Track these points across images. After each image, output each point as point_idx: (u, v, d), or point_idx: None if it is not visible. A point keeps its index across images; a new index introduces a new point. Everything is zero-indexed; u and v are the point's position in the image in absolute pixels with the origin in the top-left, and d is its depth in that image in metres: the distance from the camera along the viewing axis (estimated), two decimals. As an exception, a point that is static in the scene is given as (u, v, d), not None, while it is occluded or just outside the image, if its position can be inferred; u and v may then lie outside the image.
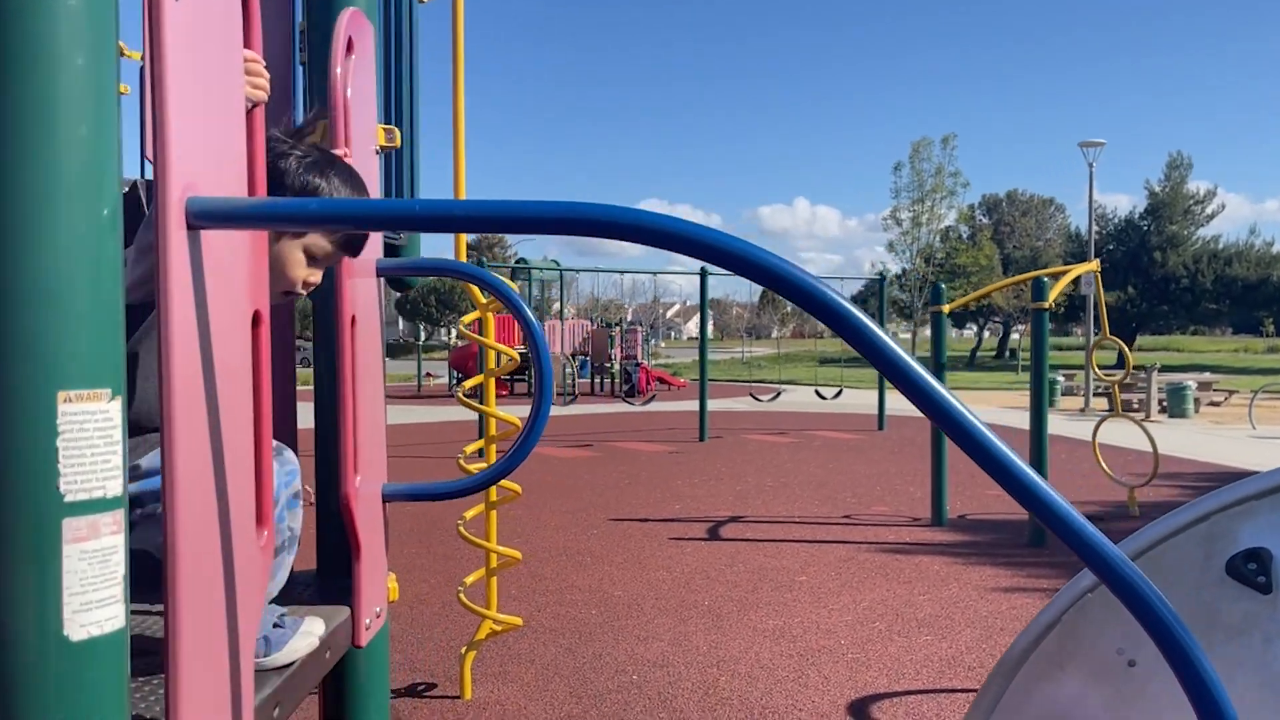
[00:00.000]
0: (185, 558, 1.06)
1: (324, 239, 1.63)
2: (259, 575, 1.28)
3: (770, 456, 14.61)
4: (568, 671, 5.15)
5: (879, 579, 7.12)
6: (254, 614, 1.26)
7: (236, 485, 1.20)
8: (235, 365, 1.21)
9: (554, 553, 8.05)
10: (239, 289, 1.23)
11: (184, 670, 1.05)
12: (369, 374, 1.85)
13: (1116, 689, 2.42)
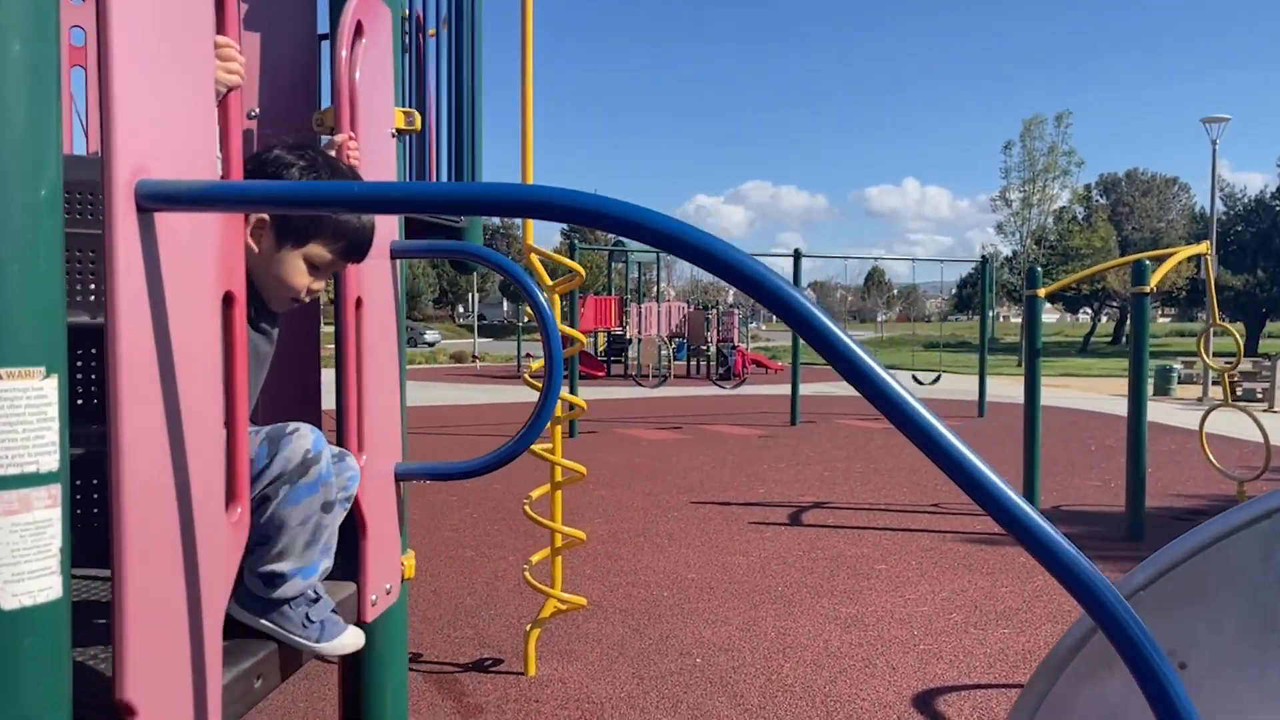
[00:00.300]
0: (133, 528, 1.09)
1: (323, 248, 1.66)
2: (229, 551, 1.31)
3: (862, 442, 14.37)
4: (633, 652, 5.17)
5: (961, 569, 6.95)
6: (221, 586, 1.29)
7: (201, 462, 1.23)
8: (198, 345, 1.24)
9: (632, 534, 8.08)
10: (204, 270, 1.26)
11: (130, 636, 1.09)
12: (378, 355, 1.88)
13: (1165, 692, 2.30)
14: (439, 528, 8.33)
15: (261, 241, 1.63)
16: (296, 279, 1.67)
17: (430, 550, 7.48)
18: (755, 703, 4.48)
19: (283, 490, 1.59)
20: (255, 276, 1.64)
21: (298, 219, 1.62)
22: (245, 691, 1.41)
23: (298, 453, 1.59)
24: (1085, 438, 14.83)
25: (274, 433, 1.60)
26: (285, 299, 1.69)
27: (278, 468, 1.58)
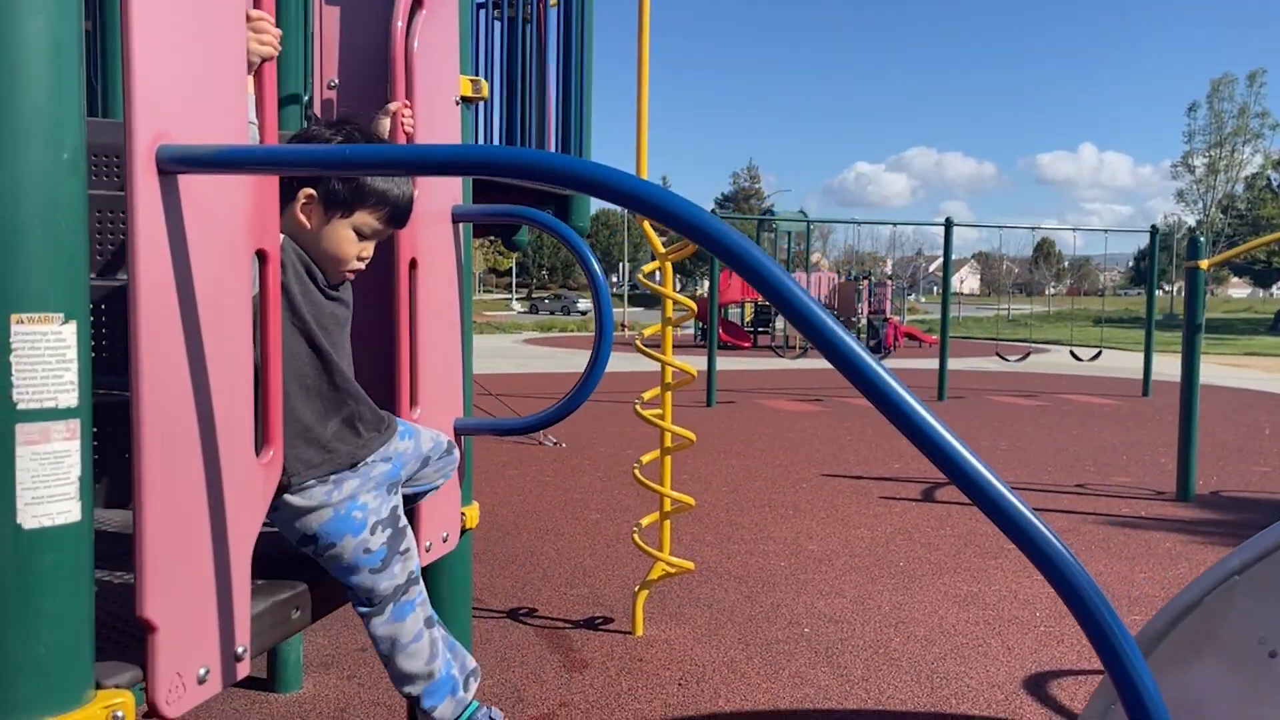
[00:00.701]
0: (152, 462, 1.21)
1: (369, 216, 1.77)
2: (259, 488, 1.42)
3: (1010, 419, 13.85)
4: (741, 618, 5.20)
5: (1099, 553, 6.64)
6: (250, 522, 1.40)
7: (228, 407, 1.34)
8: (227, 299, 1.34)
9: (757, 503, 8.08)
10: (234, 229, 1.36)
11: (150, 560, 1.20)
12: (437, 314, 1.96)
13: (1255, 678, 2.21)
14: (569, 489, 8.55)
15: (312, 217, 1.75)
16: (347, 248, 1.78)
17: (558, 512, 7.70)
18: (858, 675, 4.45)
19: (389, 608, 1.75)
20: (308, 249, 1.76)
21: (342, 193, 1.73)
22: (281, 621, 1.53)
23: (404, 574, 1.76)
24: (1260, 421, 13.84)
25: (394, 542, 1.76)
26: (339, 270, 1.81)
27: (385, 581, 1.73)
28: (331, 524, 1.70)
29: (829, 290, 30.63)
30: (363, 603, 1.75)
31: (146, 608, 1.20)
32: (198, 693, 1.30)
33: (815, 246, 79.81)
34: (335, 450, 1.72)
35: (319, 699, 4.11)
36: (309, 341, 1.73)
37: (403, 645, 1.75)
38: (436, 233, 1.99)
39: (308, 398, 1.71)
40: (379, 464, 1.78)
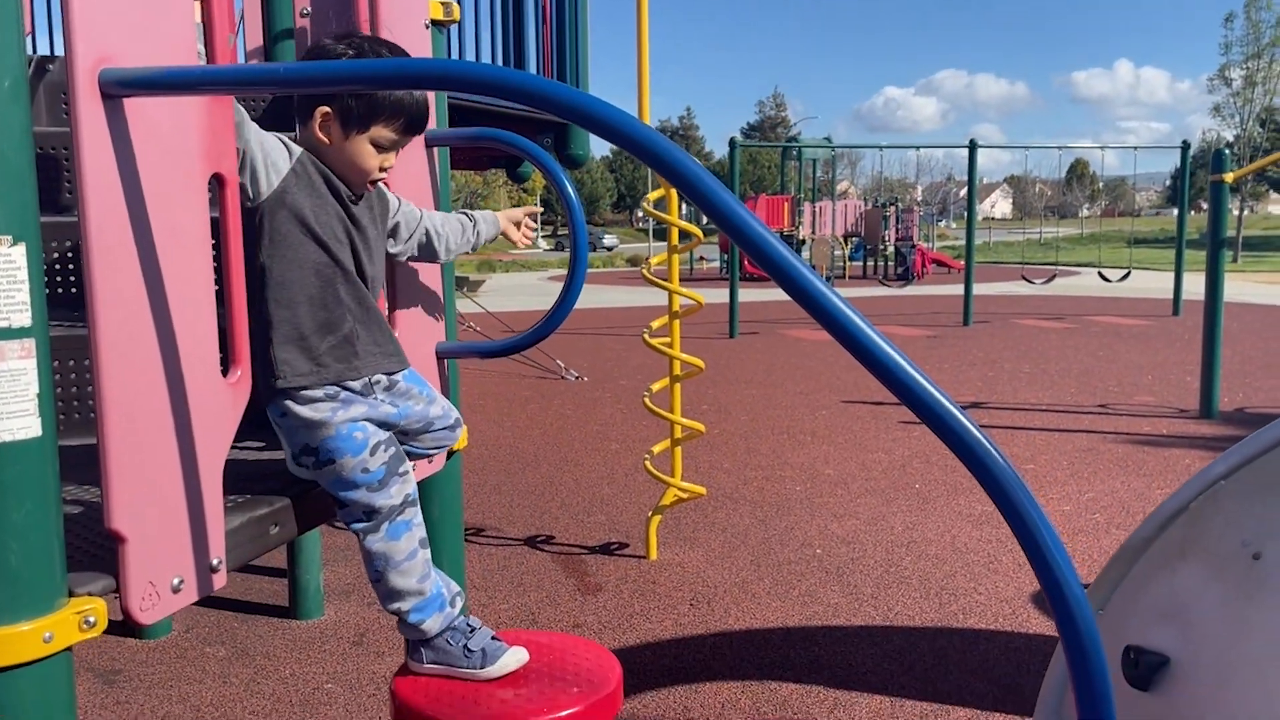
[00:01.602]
0: (113, 380, 1.25)
1: (385, 128, 1.79)
2: (227, 407, 1.47)
3: (1035, 342, 13.75)
4: (754, 541, 5.28)
5: (1116, 471, 6.64)
6: (220, 440, 1.45)
7: (189, 329, 1.38)
8: (183, 224, 1.37)
9: (776, 430, 8.13)
10: (188, 153, 1.38)
11: (115, 474, 1.25)
12: (412, 239, 1.99)
13: (1238, 581, 2.23)
14: (589, 421, 8.63)
15: (330, 133, 1.78)
16: (367, 161, 1.80)
17: (577, 443, 7.79)
18: (868, 593, 4.51)
19: (384, 526, 1.78)
20: (330, 164, 1.79)
21: (356, 108, 1.75)
22: (259, 535, 1.59)
23: (400, 495, 1.78)
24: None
25: (394, 463, 1.78)
26: (362, 181, 1.83)
27: (382, 500, 1.77)
28: (333, 441, 1.73)
29: (855, 218, 30.30)
30: (358, 519, 1.78)
31: (114, 519, 1.25)
32: (173, 601, 1.36)
33: (843, 174, 78.76)
34: (326, 365, 1.74)
35: (340, 625, 4.24)
36: (319, 253, 1.75)
37: (396, 563, 1.80)
38: (409, 156, 2.00)
39: (309, 307, 1.73)
40: (385, 404, 1.82)
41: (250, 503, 1.61)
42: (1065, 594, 1.23)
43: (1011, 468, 1.14)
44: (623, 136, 1.07)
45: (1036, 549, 1.08)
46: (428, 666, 1.76)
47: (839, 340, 1.25)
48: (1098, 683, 1.39)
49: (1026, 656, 3.83)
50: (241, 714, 3.44)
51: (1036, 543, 1.08)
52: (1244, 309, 17.55)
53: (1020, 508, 1.10)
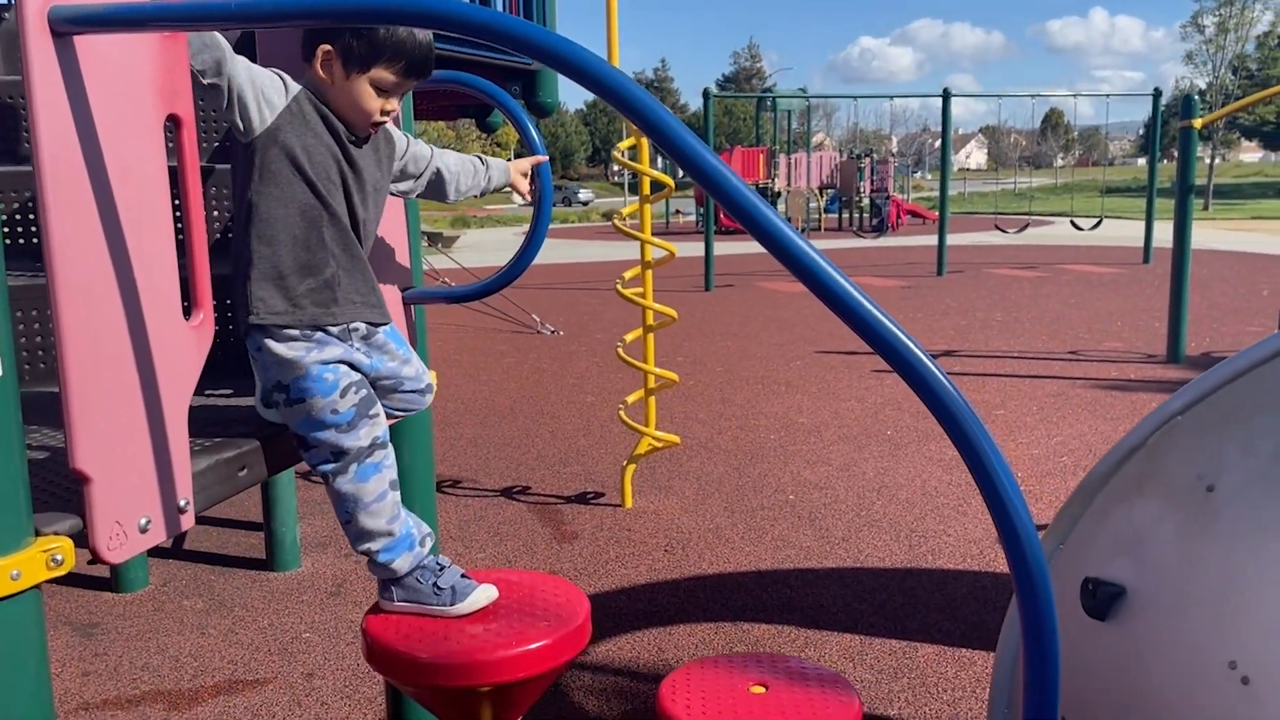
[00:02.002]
0: (72, 322, 1.25)
1: (386, 71, 1.76)
2: (190, 349, 1.47)
3: (1007, 291, 13.85)
4: (729, 488, 5.34)
5: (1084, 415, 6.74)
6: (184, 382, 1.45)
7: (148, 271, 1.37)
8: (138, 165, 1.36)
9: (750, 381, 8.18)
10: (142, 92, 1.37)
11: (77, 416, 1.26)
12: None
13: (1192, 512, 2.29)
14: (564, 375, 8.65)
15: (332, 72, 1.75)
16: (369, 103, 1.78)
17: (554, 396, 7.81)
18: (840, 535, 4.59)
19: (352, 467, 1.78)
20: (331, 104, 1.77)
21: (357, 48, 1.73)
22: (227, 478, 1.60)
23: (368, 437, 1.77)
24: (1260, 283, 13.81)
25: (364, 406, 1.78)
26: (364, 123, 1.80)
27: (349, 441, 1.76)
28: (304, 380, 1.73)
29: (830, 170, 30.22)
30: (325, 460, 1.78)
31: (78, 460, 1.26)
32: (140, 541, 1.37)
33: (818, 126, 78.35)
34: (302, 306, 1.73)
35: (317, 576, 4.27)
36: (307, 194, 1.73)
37: (365, 504, 1.80)
38: (369, 101, 1.99)
39: (291, 248, 1.72)
40: (359, 353, 1.81)
41: (218, 445, 1.62)
42: (1013, 521, 1.27)
43: (959, 393, 1.17)
44: (590, 78, 1.07)
45: (987, 479, 1.11)
46: (398, 605, 1.78)
47: (793, 271, 1.26)
48: (1044, 612, 1.43)
49: (993, 595, 3.91)
50: (220, 663, 3.48)
51: (986, 470, 1.11)
52: (1214, 255, 17.73)
53: (967, 430, 1.14)
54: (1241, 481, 2.16)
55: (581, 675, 3.33)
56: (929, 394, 1.27)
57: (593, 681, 3.30)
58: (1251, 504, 2.13)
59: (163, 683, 3.35)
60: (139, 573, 4.13)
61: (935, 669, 3.31)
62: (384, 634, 1.66)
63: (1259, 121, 50.32)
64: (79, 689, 3.31)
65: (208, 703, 3.21)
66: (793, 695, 1.85)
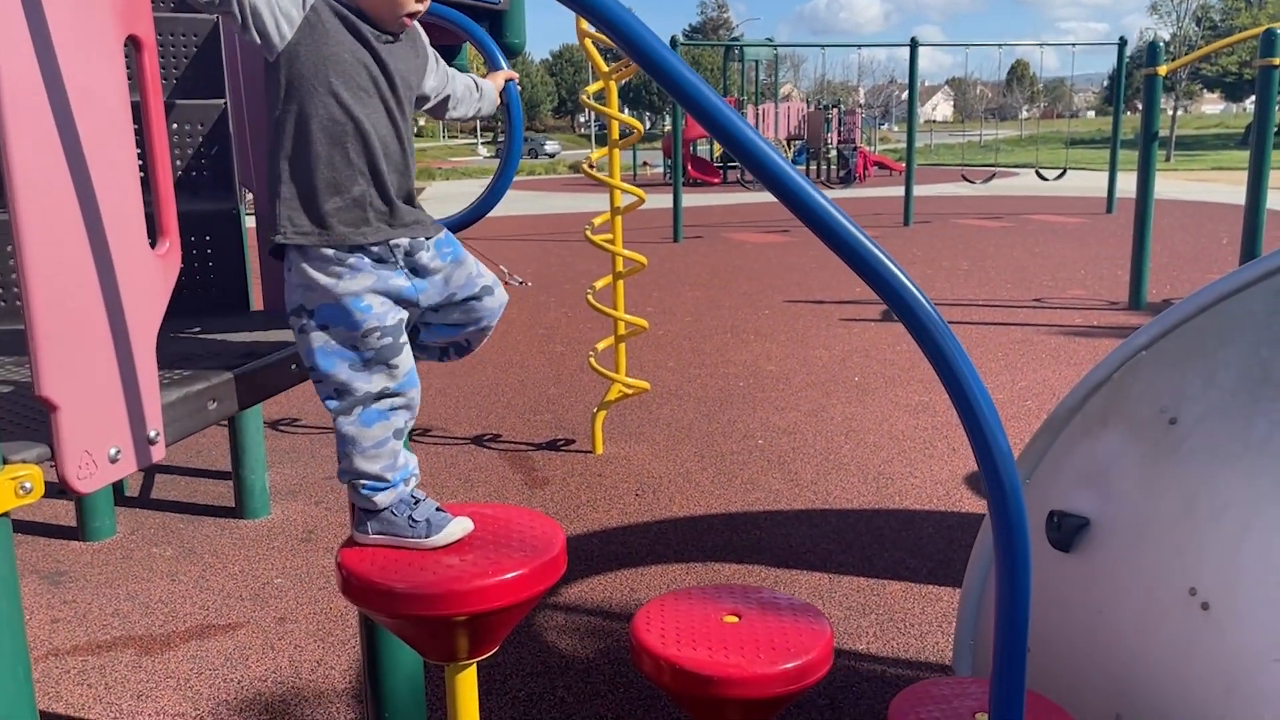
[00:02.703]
0: (34, 249, 1.22)
1: None
2: (157, 278, 1.45)
3: (973, 241, 13.93)
4: (699, 434, 5.37)
5: (1048, 360, 6.84)
6: (151, 310, 1.43)
7: (111, 198, 1.34)
8: (98, 88, 1.33)
9: (720, 330, 8.20)
10: (99, 10, 1.33)
11: (42, 343, 1.23)
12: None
13: (1155, 444, 2.33)
14: (534, 325, 8.62)
15: None
16: None
17: (523, 346, 7.79)
18: (808, 479, 4.63)
19: (356, 410, 1.71)
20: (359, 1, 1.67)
21: None
22: (197, 410, 1.58)
23: (379, 385, 1.71)
24: (1219, 232, 13.99)
25: (385, 353, 1.70)
26: (395, 16, 1.70)
27: (360, 383, 1.69)
28: (331, 309, 1.66)
29: (798, 120, 30.09)
30: (330, 395, 1.71)
31: (44, 387, 1.24)
32: (110, 471, 1.35)
33: (786, 77, 77.86)
34: (330, 227, 1.65)
35: (287, 523, 4.26)
36: (332, 108, 1.64)
37: (362, 448, 1.72)
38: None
39: (315, 164, 1.63)
40: (399, 277, 1.73)
41: (189, 378, 1.60)
42: (990, 447, 1.29)
43: (943, 321, 1.18)
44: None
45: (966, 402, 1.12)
46: (373, 537, 1.76)
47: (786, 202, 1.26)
48: (1017, 533, 1.46)
49: (959, 534, 3.98)
50: (191, 609, 3.47)
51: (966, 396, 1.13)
52: (1175, 205, 17.92)
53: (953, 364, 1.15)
54: (1203, 413, 2.20)
55: (555, 615, 3.36)
56: (912, 317, 1.28)
57: (566, 621, 3.33)
58: (1212, 435, 2.17)
59: (133, 629, 3.34)
60: (106, 521, 4.09)
61: (902, 605, 3.38)
62: (360, 566, 1.66)
63: (1221, 72, 50.65)
64: (48, 636, 3.30)
65: (180, 647, 3.20)
66: (765, 623, 1.88)
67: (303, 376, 1.83)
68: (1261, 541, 2.00)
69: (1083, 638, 2.35)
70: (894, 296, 1.28)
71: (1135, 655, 2.19)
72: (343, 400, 1.71)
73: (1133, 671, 2.20)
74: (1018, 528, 1.42)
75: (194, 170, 2.43)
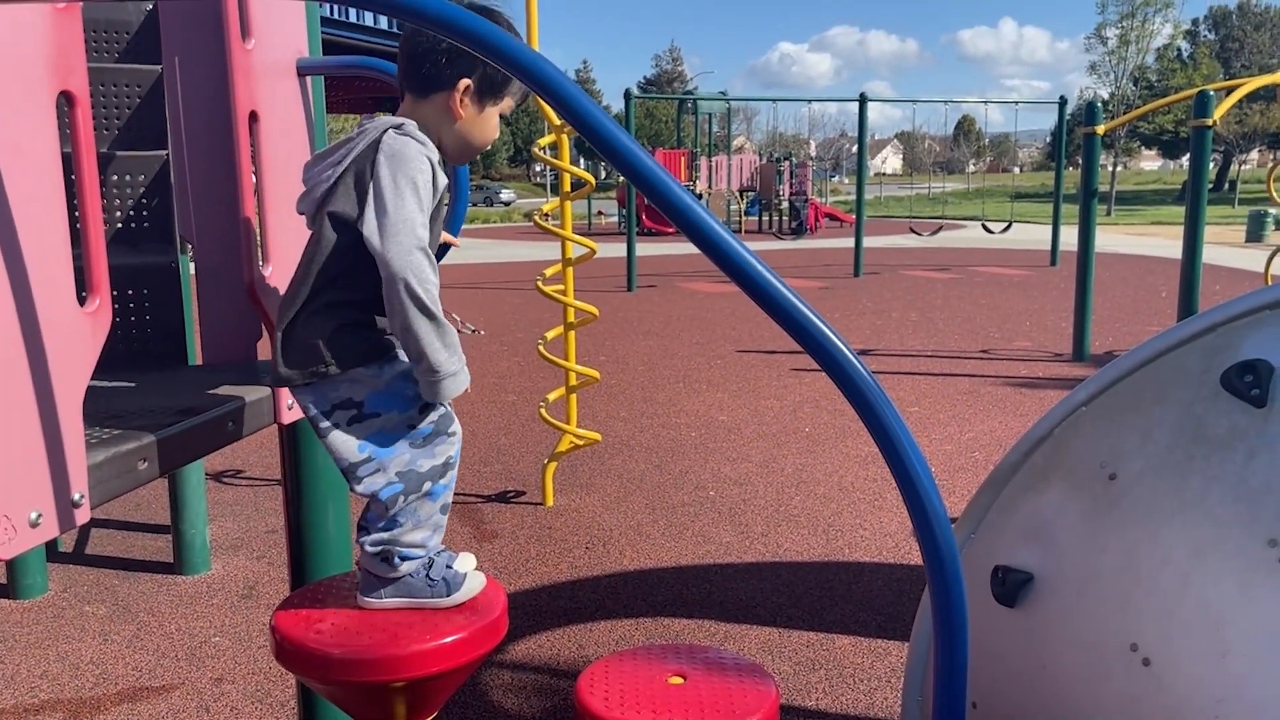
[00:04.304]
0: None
1: (511, 99, 1.75)
2: (86, 338, 1.41)
3: (922, 292, 14.16)
4: (649, 485, 5.34)
5: (994, 412, 6.93)
6: (79, 370, 1.39)
7: (40, 256, 1.31)
8: (28, 142, 1.30)
9: (672, 380, 8.21)
10: (30, 66, 1.31)
11: (-39, 406, 1.19)
12: (284, 170, 1.93)
13: (1095, 500, 2.35)
14: (485, 374, 8.57)
15: (467, 107, 1.70)
16: (491, 134, 1.76)
17: (475, 395, 7.72)
18: (759, 531, 4.62)
19: (425, 486, 1.65)
20: (447, 138, 1.71)
21: (497, 78, 1.69)
22: (126, 471, 1.53)
23: (443, 455, 1.66)
24: (1158, 285, 14.36)
25: (444, 422, 1.65)
26: (475, 151, 1.78)
27: (425, 460, 1.64)
28: (380, 396, 1.62)
29: (751, 172, 30.53)
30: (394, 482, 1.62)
31: (-37, 451, 1.20)
32: (31, 535, 1.31)
33: (739, 129, 79.08)
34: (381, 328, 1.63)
35: (228, 579, 4.15)
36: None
37: (419, 520, 1.67)
38: (279, 86, 1.94)
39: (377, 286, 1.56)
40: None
41: (118, 437, 1.56)
42: (925, 506, 1.29)
43: (876, 383, 1.18)
44: (507, 58, 1.06)
45: (900, 463, 1.13)
46: (388, 601, 1.68)
47: (715, 262, 1.26)
48: (954, 595, 1.46)
49: (908, 586, 3.98)
50: (124, 670, 3.35)
51: (900, 457, 1.13)
52: (1116, 259, 18.39)
53: (885, 421, 1.15)
54: (1141, 469, 2.23)
55: (501, 673, 3.29)
56: (842, 376, 1.29)
57: (513, 679, 3.26)
58: (1150, 490, 2.20)
59: (63, 691, 3.22)
60: (38, 578, 3.96)
61: (851, 660, 3.36)
62: (294, 631, 1.61)
63: (1158, 130, 52.36)
64: (-29, 700, 3.16)
65: (110, 711, 3.09)
66: (711, 685, 1.86)
67: (237, 435, 1.78)
68: (1199, 596, 2.03)
69: (1028, 693, 2.35)
70: (827, 358, 1.28)
71: (1079, 711, 2.20)
72: (409, 482, 1.64)
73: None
74: (955, 588, 1.42)
75: (134, 222, 2.39)
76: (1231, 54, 57.56)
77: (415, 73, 1.71)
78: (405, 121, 1.65)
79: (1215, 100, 7.10)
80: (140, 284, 2.30)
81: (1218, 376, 2.16)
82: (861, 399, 1.29)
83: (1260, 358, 2.13)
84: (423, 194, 1.58)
